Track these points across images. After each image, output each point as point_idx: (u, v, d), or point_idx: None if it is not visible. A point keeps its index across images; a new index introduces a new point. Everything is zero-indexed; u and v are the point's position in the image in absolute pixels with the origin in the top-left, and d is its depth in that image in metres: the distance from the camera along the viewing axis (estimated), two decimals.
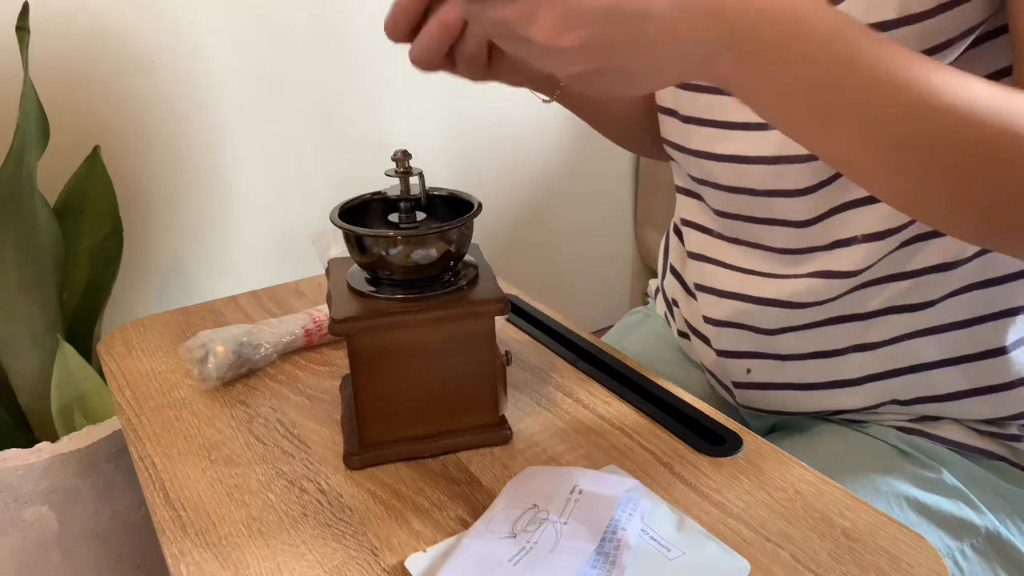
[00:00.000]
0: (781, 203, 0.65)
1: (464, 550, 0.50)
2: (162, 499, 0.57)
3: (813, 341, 0.67)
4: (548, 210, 1.81)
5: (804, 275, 0.65)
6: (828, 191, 0.63)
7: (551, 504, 0.52)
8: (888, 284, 0.64)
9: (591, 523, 0.50)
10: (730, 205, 0.69)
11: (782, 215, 0.65)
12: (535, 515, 0.52)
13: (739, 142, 0.66)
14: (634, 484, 0.54)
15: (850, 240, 0.63)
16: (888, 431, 0.68)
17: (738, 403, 0.74)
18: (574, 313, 0.87)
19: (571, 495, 0.53)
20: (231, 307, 0.84)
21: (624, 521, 0.51)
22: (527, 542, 0.50)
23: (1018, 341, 0.64)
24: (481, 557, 0.49)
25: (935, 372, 0.65)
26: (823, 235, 0.64)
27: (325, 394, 0.69)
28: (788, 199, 0.64)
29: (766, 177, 0.65)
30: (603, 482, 0.54)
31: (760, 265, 0.68)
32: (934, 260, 0.62)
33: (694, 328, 0.78)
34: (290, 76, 1.42)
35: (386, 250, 0.56)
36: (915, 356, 0.65)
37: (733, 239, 0.70)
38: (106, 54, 1.27)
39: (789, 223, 0.65)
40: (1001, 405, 0.65)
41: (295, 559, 0.51)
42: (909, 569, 0.48)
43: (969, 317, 0.63)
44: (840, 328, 0.66)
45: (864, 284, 0.64)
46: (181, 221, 1.41)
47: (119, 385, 0.72)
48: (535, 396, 0.67)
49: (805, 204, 0.64)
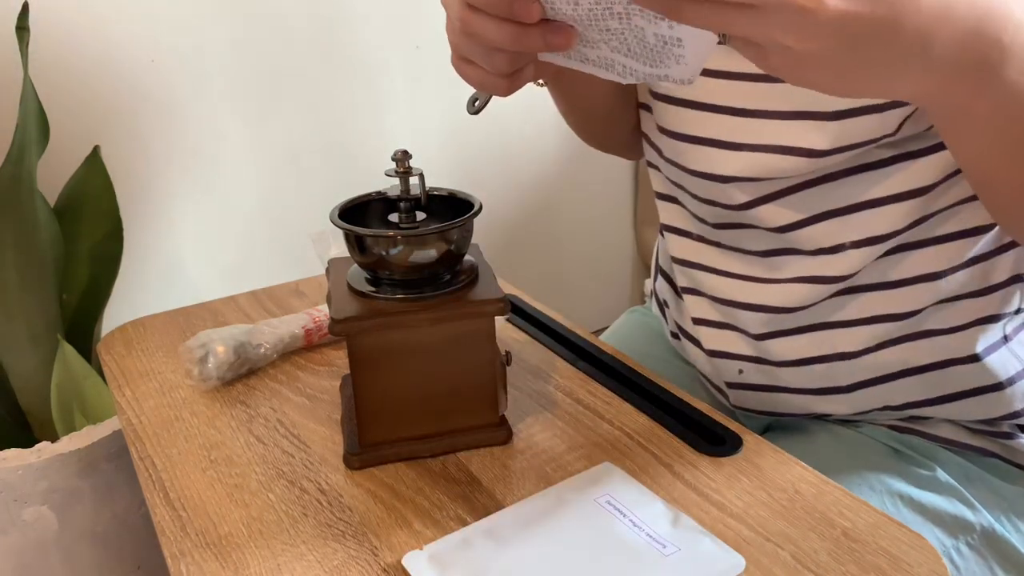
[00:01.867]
0: (756, 212, 0.65)
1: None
2: (162, 499, 0.57)
3: (801, 347, 0.67)
4: (548, 210, 1.81)
5: (787, 280, 0.65)
6: (806, 199, 0.63)
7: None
8: (872, 292, 0.64)
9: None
10: (707, 212, 0.69)
11: (760, 222, 0.65)
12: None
13: (714, 159, 0.65)
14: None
15: (836, 248, 0.63)
16: (881, 430, 0.68)
17: (732, 404, 0.74)
18: (574, 313, 0.87)
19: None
20: (231, 307, 0.84)
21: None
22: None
23: (994, 345, 0.64)
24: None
25: (924, 376, 0.65)
26: (806, 240, 0.64)
27: (325, 394, 0.69)
28: (765, 206, 0.64)
29: (738, 193, 0.65)
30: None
31: (743, 269, 0.68)
32: (920, 270, 0.62)
33: (684, 329, 0.78)
34: (290, 76, 1.42)
35: (386, 250, 0.56)
36: (902, 363, 0.65)
37: (715, 243, 0.70)
38: (106, 54, 1.27)
39: (770, 228, 0.65)
40: (993, 406, 0.65)
41: (295, 559, 0.51)
42: (909, 569, 0.48)
43: (954, 325, 0.64)
44: (826, 335, 0.66)
45: (848, 290, 0.64)
46: (181, 221, 1.41)
47: (119, 385, 0.72)
48: (535, 396, 0.67)
49: (781, 212, 0.64)
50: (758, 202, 0.64)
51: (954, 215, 0.62)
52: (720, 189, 0.65)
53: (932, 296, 0.63)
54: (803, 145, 0.59)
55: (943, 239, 0.62)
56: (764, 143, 0.61)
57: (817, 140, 0.59)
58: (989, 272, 0.63)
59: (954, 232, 0.62)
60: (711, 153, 0.64)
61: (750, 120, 0.62)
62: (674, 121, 0.67)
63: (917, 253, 0.62)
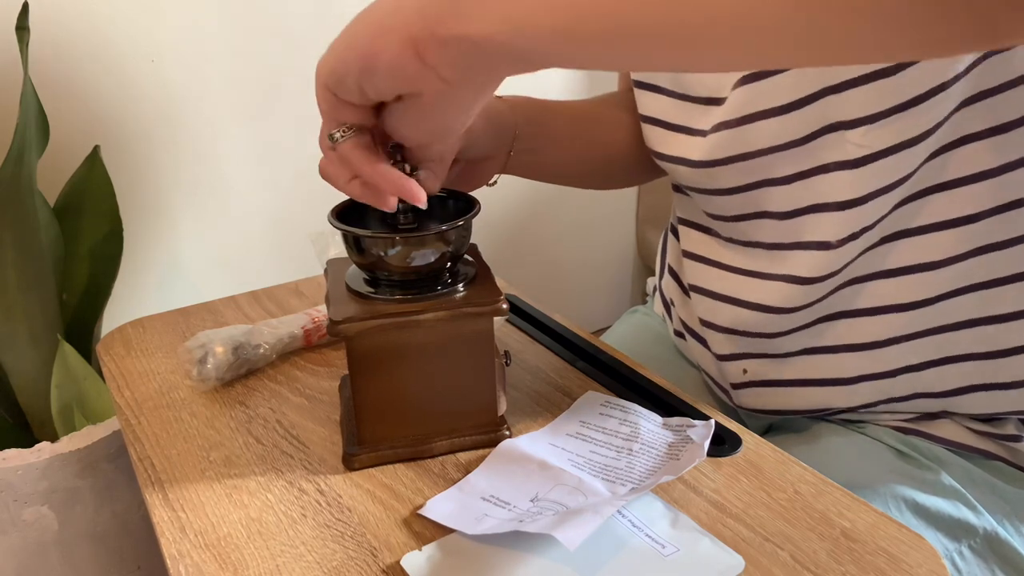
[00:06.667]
0: (711, 199, 0.66)
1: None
2: (161, 499, 0.57)
3: (806, 340, 0.67)
4: (548, 210, 1.81)
5: (791, 277, 0.65)
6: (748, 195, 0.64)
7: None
8: (872, 282, 0.64)
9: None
10: (714, 204, 0.70)
11: (715, 211, 0.66)
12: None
13: (682, 144, 0.67)
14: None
15: (822, 244, 0.63)
16: (885, 431, 0.68)
17: (735, 404, 0.74)
18: (574, 313, 0.87)
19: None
20: (231, 307, 0.84)
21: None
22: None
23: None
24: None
25: (930, 372, 0.65)
26: (813, 227, 0.64)
27: (324, 394, 0.69)
28: (717, 197, 0.66)
29: (700, 178, 0.65)
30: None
31: (752, 264, 0.68)
32: (915, 259, 0.62)
33: (691, 329, 0.78)
34: (290, 76, 1.42)
35: (385, 251, 0.56)
36: (909, 356, 0.65)
37: (728, 239, 0.70)
38: (106, 54, 1.27)
39: (770, 213, 0.65)
40: (1000, 401, 0.65)
41: (294, 560, 0.51)
42: (908, 569, 0.48)
43: (966, 319, 0.63)
44: (830, 326, 0.66)
45: (850, 282, 0.64)
46: (181, 221, 1.41)
47: (118, 385, 0.72)
48: (535, 396, 0.67)
49: (730, 201, 0.65)
50: (713, 192, 0.65)
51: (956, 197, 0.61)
52: (704, 174, 0.66)
53: (936, 287, 0.63)
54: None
55: (949, 224, 0.61)
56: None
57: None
58: (1002, 262, 0.62)
59: (960, 217, 0.61)
60: (681, 139, 0.68)
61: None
62: (656, 110, 0.71)
63: (913, 240, 0.62)
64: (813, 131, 0.61)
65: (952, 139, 0.58)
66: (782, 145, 0.62)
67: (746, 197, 0.66)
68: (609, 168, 0.78)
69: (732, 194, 0.67)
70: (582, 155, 0.75)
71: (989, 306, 0.62)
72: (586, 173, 0.78)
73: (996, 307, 0.62)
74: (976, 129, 0.58)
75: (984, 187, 0.59)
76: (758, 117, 0.62)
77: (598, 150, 0.76)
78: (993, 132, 0.58)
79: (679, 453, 0.56)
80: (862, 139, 0.58)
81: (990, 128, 0.57)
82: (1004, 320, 0.62)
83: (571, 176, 0.78)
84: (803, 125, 0.61)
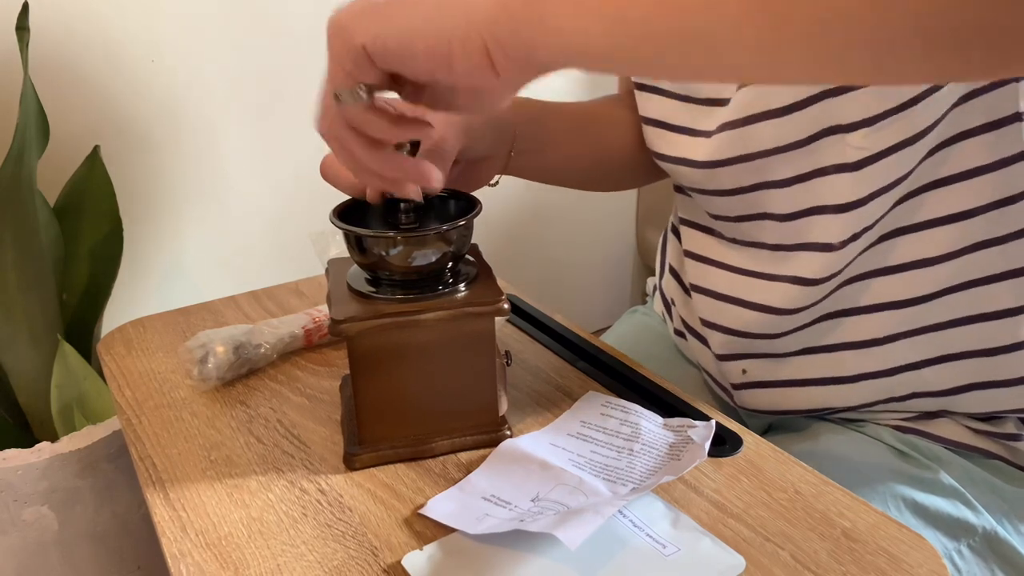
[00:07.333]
0: (713, 200, 0.66)
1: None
2: (162, 499, 0.57)
3: (806, 339, 0.67)
4: (548, 210, 1.81)
5: (794, 277, 0.65)
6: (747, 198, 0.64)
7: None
8: (872, 280, 0.64)
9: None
10: (716, 205, 0.70)
11: (716, 211, 0.66)
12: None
13: (685, 145, 0.67)
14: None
15: (826, 246, 0.63)
16: (885, 431, 0.68)
17: (736, 404, 0.74)
18: (574, 313, 0.87)
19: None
20: (231, 307, 0.84)
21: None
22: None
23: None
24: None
25: (929, 370, 0.65)
26: (796, 234, 0.64)
27: (325, 394, 0.69)
28: (719, 198, 0.66)
29: (703, 178, 0.65)
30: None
31: (752, 264, 0.68)
32: (914, 255, 0.62)
33: (692, 328, 0.78)
34: (290, 76, 1.42)
35: (386, 250, 0.56)
36: (908, 354, 0.65)
37: (731, 239, 0.70)
38: (106, 54, 1.26)
39: (771, 215, 0.65)
40: (999, 399, 0.65)
41: (295, 559, 0.51)
42: (909, 569, 0.48)
43: (964, 315, 0.63)
44: (830, 325, 0.66)
45: (851, 280, 0.64)
46: (181, 221, 1.41)
47: (119, 385, 0.72)
48: (535, 396, 0.67)
49: (730, 203, 0.65)
50: (714, 193, 0.65)
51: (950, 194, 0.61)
52: (706, 174, 0.66)
53: (934, 284, 0.63)
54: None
55: (947, 220, 0.61)
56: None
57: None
58: (995, 261, 0.62)
59: (957, 212, 0.61)
60: (682, 139, 0.68)
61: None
62: (657, 111, 0.71)
63: (909, 237, 0.62)
64: (813, 133, 0.61)
65: (949, 135, 0.59)
66: (782, 147, 0.62)
67: (747, 198, 0.66)
68: (609, 169, 0.78)
69: (733, 195, 0.67)
70: (583, 155, 0.76)
71: (986, 302, 0.62)
72: (586, 174, 0.78)
73: (993, 303, 0.62)
74: (972, 125, 0.58)
75: (980, 182, 0.59)
76: (761, 118, 0.62)
77: (599, 151, 0.76)
78: (988, 128, 0.58)
79: (680, 453, 0.56)
80: (861, 142, 0.58)
81: (985, 124, 0.58)
82: (1001, 316, 0.63)
83: (571, 177, 0.78)
84: (803, 127, 0.61)
